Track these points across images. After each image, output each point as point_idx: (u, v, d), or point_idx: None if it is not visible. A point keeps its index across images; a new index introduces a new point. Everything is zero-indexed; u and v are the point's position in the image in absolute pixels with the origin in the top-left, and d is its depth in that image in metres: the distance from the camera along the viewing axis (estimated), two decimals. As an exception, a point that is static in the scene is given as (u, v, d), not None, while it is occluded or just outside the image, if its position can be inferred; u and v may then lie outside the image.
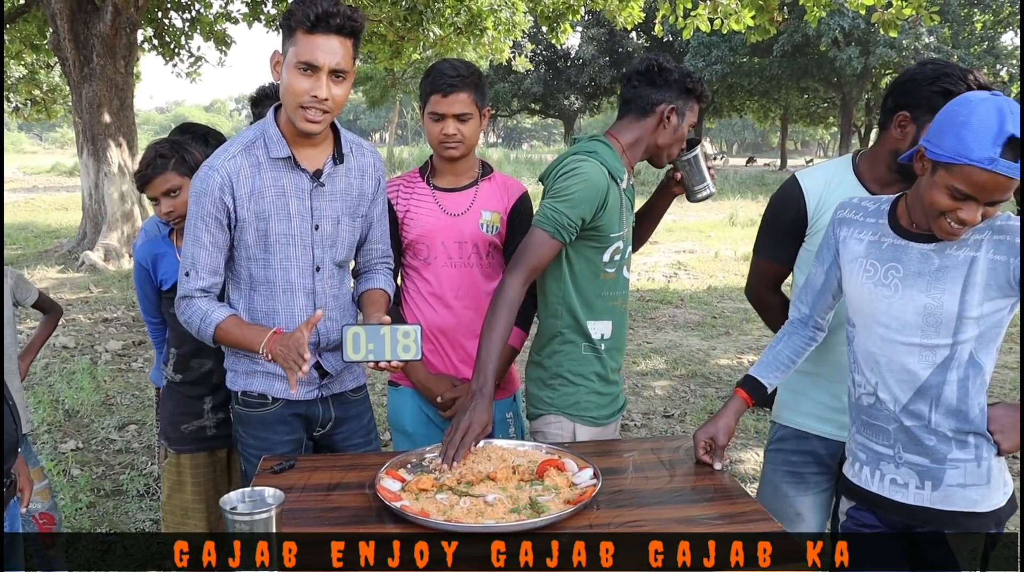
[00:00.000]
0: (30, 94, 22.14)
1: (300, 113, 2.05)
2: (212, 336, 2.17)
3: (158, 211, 2.57)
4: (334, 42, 2.00)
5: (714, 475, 2.04)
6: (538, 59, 41.21)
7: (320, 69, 2.00)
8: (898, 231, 1.86)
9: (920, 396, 1.82)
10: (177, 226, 2.59)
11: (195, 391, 2.65)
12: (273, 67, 2.09)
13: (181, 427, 2.66)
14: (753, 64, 34.81)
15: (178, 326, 2.44)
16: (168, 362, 2.67)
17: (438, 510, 1.80)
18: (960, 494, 1.82)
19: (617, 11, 10.78)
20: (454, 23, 11.51)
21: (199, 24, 12.82)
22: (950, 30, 30.04)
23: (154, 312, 2.75)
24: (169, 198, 2.53)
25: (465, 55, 14.75)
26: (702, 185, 2.50)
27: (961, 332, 1.76)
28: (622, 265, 2.39)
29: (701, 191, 2.51)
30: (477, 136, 2.54)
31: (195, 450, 2.68)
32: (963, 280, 1.75)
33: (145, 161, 2.53)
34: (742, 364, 6.81)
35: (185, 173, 2.52)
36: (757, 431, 5.27)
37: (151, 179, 2.51)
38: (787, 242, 2.31)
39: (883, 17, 8.60)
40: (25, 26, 12.46)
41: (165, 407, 2.71)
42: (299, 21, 1.97)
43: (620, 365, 2.49)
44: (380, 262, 2.45)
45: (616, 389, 2.48)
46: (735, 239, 14.14)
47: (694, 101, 2.36)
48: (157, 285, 2.64)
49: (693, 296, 9.64)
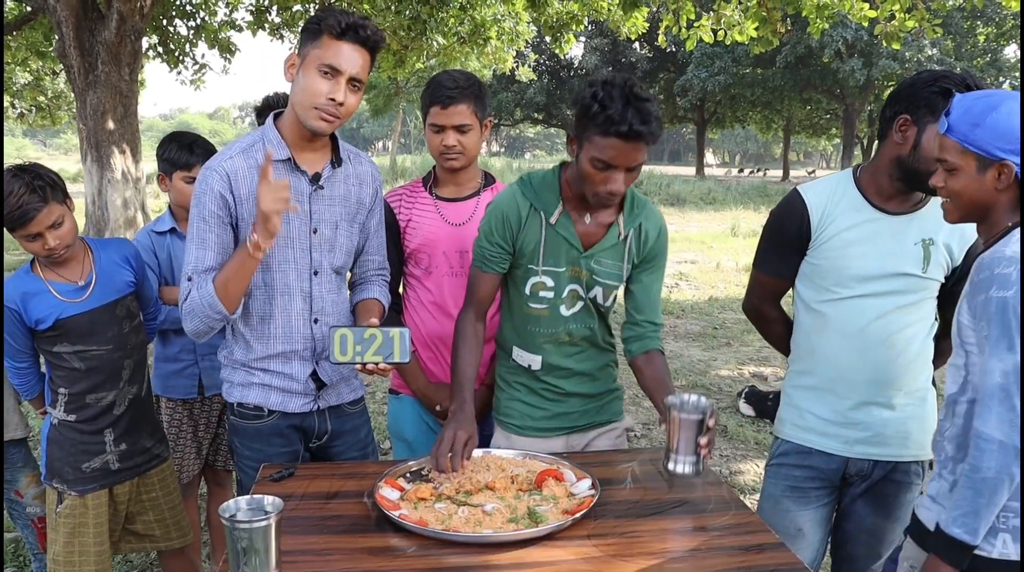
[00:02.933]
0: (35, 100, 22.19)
1: (314, 112, 2.07)
2: (218, 299, 2.06)
3: (38, 249, 2.28)
4: (357, 52, 2.06)
5: (713, 487, 2.03)
6: (541, 69, 41.34)
7: (342, 74, 2.04)
8: None
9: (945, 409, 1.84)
10: (60, 258, 2.34)
11: (94, 426, 2.44)
12: (287, 68, 2.11)
13: (82, 466, 2.44)
14: (756, 75, 34.91)
15: (65, 364, 2.36)
16: (56, 404, 2.42)
17: (436, 519, 1.80)
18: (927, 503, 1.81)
19: (621, 21, 10.80)
20: (458, 33, 11.54)
21: (204, 32, 12.87)
22: (953, 42, 30.12)
23: (23, 355, 2.44)
24: (55, 230, 2.27)
25: (469, 64, 14.77)
26: (684, 459, 1.93)
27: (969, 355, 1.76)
28: (558, 305, 2.26)
29: (679, 464, 1.94)
30: (478, 147, 2.54)
31: (99, 487, 2.48)
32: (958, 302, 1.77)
33: (15, 195, 2.19)
34: (743, 375, 6.80)
35: (62, 200, 2.28)
36: (757, 442, 5.26)
37: (34, 215, 2.21)
38: (790, 256, 2.31)
39: (886, 29, 8.61)
40: (31, 33, 12.52)
41: (57, 448, 2.45)
42: (329, 26, 2.02)
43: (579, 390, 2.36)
44: (376, 274, 2.45)
45: (560, 408, 2.36)
46: (737, 250, 14.15)
47: (598, 134, 1.97)
48: (31, 326, 2.34)
49: (694, 307, 9.63)
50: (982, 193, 1.72)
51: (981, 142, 1.68)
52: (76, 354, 2.36)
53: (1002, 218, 1.74)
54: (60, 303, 2.34)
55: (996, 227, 1.75)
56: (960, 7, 24.61)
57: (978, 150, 1.69)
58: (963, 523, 1.62)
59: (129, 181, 8.65)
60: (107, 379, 2.40)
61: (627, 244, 2.23)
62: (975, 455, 1.61)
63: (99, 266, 2.43)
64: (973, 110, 1.70)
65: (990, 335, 1.61)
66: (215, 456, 3.17)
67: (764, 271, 2.40)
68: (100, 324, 2.39)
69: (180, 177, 2.86)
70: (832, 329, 2.22)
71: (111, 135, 8.34)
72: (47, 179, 2.25)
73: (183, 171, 2.85)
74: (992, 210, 1.74)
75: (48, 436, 2.47)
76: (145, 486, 2.57)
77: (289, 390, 2.26)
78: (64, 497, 2.45)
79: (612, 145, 1.97)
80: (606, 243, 2.22)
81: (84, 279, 2.39)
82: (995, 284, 1.62)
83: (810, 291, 2.28)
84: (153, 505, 2.59)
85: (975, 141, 1.69)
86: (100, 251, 2.47)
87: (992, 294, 1.61)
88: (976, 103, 1.71)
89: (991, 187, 1.71)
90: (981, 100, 1.71)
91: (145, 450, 2.55)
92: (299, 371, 2.26)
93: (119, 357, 2.41)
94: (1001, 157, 1.67)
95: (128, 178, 8.61)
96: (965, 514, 1.62)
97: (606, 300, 2.27)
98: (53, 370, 2.41)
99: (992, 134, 1.67)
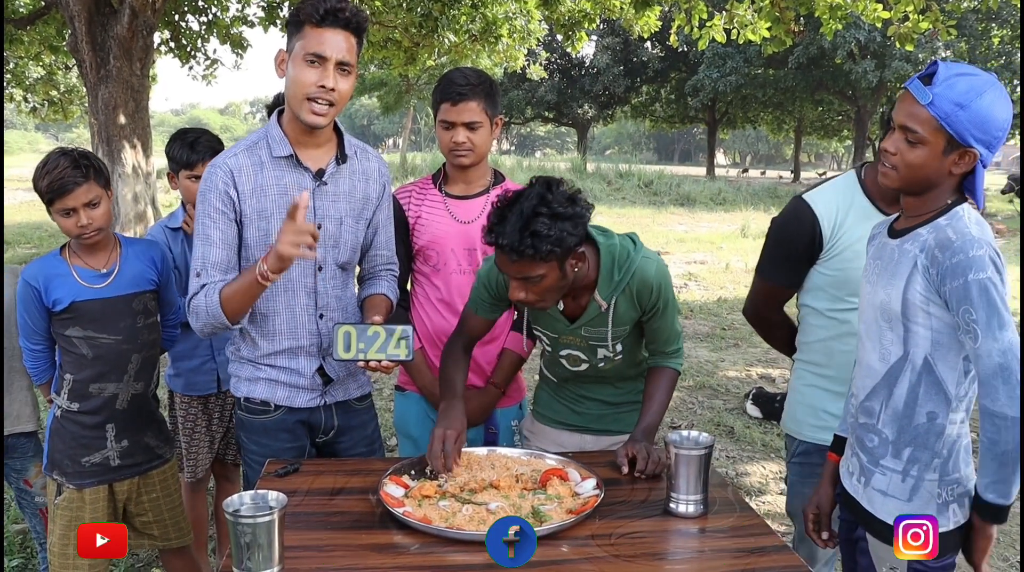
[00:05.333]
0: (47, 95, 22.28)
1: (306, 105, 2.07)
2: (222, 311, 2.08)
3: (71, 226, 2.33)
4: (340, 36, 2.06)
5: (718, 488, 2.03)
6: (553, 67, 41.26)
7: (328, 60, 2.04)
8: (889, 230, 1.86)
9: (875, 394, 1.82)
10: (91, 240, 2.38)
11: (95, 420, 2.43)
12: (278, 65, 2.13)
13: (81, 460, 2.43)
14: (768, 76, 34.74)
15: (74, 349, 2.38)
16: (62, 390, 2.43)
17: (440, 517, 1.80)
18: (879, 501, 1.81)
19: (633, 20, 10.75)
20: (469, 30, 11.51)
21: (215, 27, 12.88)
22: (967, 45, 29.94)
23: (38, 337, 2.46)
24: (89, 210, 2.32)
25: (480, 62, 14.75)
26: (686, 498, 1.87)
27: (910, 332, 1.74)
28: (557, 357, 2.36)
29: (680, 504, 1.87)
30: (488, 144, 2.54)
31: (98, 483, 2.46)
32: (906, 277, 1.73)
33: (59, 168, 2.28)
34: (751, 376, 6.78)
35: (103, 185, 2.36)
36: (764, 444, 5.24)
37: (73, 189, 2.28)
38: (799, 266, 2.28)
39: (899, 30, 8.55)
40: (44, 27, 12.55)
41: (59, 439, 2.45)
42: (308, 15, 2.03)
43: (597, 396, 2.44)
44: (384, 268, 2.45)
45: (579, 407, 2.45)
46: (746, 251, 14.11)
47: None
48: (48, 306, 2.38)
49: (703, 307, 9.62)
50: (936, 172, 1.70)
51: (961, 126, 1.64)
52: (85, 340, 2.38)
53: (942, 197, 1.74)
54: (79, 286, 2.38)
55: (933, 204, 1.75)
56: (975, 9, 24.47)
57: (954, 133, 1.65)
58: (995, 489, 1.67)
59: (140, 176, 8.66)
60: (112, 370, 2.41)
61: (611, 313, 2.20)
62: (991, 431, 1.63)
63: (124, 259, 2.47)
64: (957, 87, 1.64)
65: (978, 319, 1.61)
66: (225, 450, 3.18)
67: (771, 281, 2.37)
68: (114, 313, 2.40)
69: (185, 176, 2.87)
70: (854, 334, 2.21)
71: (122, 130, 8.35)
72: (93, 161, 2.36)
73: (187, 170, 2.86)
74: (935, 188, 1.73)
75: (51, 427, 2.48)
76: (146, 486, 2.56)
77: (296, 385, 2.27)
78: (63, 489, 2.46)
79: None
80: (589, 314, 2.21)
81: (107, 268, 2.43)
82: (972, 267, 1.62)
83: (825, 301, 2.26)
84: (153, 506, 2.58)
85: (955, 123, 1.64)
86: (128, 247, 2.51)
87: (971, 278, 1.61)
88: (959, 81, 1.65)
89: (947, 168, 1.69)
90: (964, 79, 1.65)
91: (147, 449, 2.54)
92: (305, 366, 2.26)
93: (127, 350, 2.42)
94: (972, 145, 1.65)
95: (139, 173, 8.62)
96: (995, 482, 1.66)
97: (616, 354, 2.30)
98: (63, 355, 2.44)
99: (974, 121, 1.64)
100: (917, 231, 1.75)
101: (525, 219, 1.90)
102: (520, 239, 1.89)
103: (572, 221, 1.94)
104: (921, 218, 1.76)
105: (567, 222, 1.92)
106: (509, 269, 1.98)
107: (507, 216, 1.93)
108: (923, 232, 1.73)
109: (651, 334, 2.28)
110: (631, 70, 40.32)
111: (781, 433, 5.42)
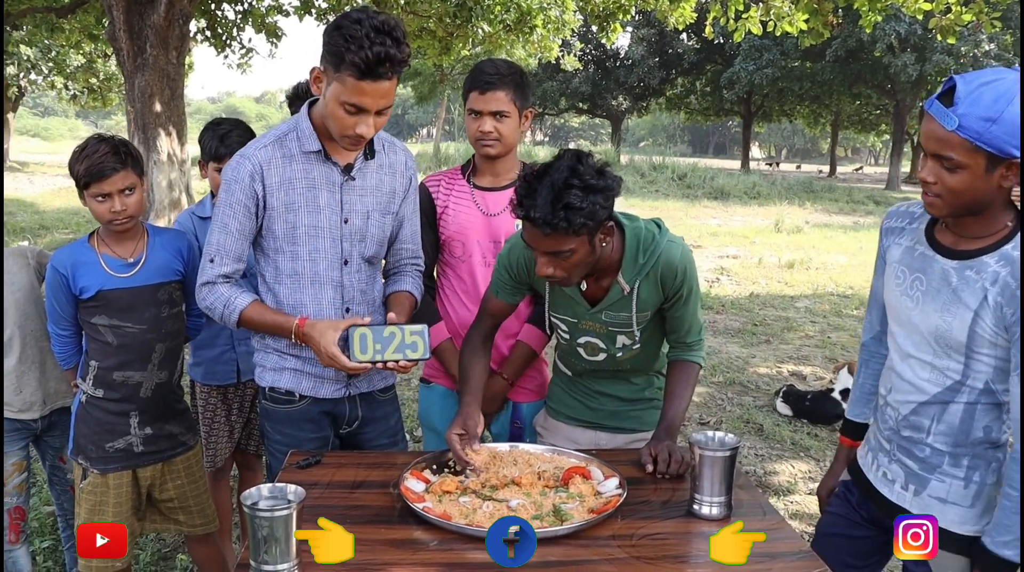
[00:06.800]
0: (87, 82, 22.61)
1: (343, 141, 2.08)
2: (236, 322, 2.19)
3: (104, 211, 2.33)
4: (381, 87, 1.95)
5: (743, 491, 1.99)
6: (587, 58, 41.08)
7: (368, 112, 1.99)
8: (931, 242, 1.76)
9: (923, 411, 1.75)
10: (121, 227, 2.39)
11: (120, 407, 2.45)
12: (313, 81, 2.03)
13: (105, 445, 2.46)
14: (805, 68, 34.31)
15: (100, 336, 2.40)
16: (87, 377, 2.45)
17: (460, 513, 1.79)
18: (938, 507, 1.75)
19: (669, 11, 10.66)
20: (503, 20, 11.47)
21: (251, 16, 12.97)
22: (1012, 37, 29.26)
23: (66, 323, 2.48)
24: (124, 196, 2.34)
25: (514, 53, 14.71)
26: (711, 500, 1.83)
27: (973, 360, 1.66)
28: (574, 345, 2.31)
29: (704, 505, 1.84)
30: (516, 136, 2.52)
31: (122, 468, 2.49)
32: (975, 309, 1.62)
33: (99, 153, 2.30)
34: (781, 373, 6.70)
35: (139, 174, 2.38)
36: (793, 442, 5.17)
37: (110, 174, 2.30)
38: None
39: (941, 23, 8.38)
40: (84, 16, 12.74)
41: (84, 425, 2.47)
42: (352, 64, 1.89)
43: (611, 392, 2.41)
44: (409, 263, 2.44)
45: (593, 403, 2.42)
46: (780, 246, 13.94)
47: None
48: (76, 294, 2.40)
49: (735, 302, 9.51)
50: (985, 192, 1.59)
51: (998, 141, 1.51)
52: (111, 328, 2.40)
53: (999, 215, 1.64)
54: (106, 275, 2.39)
55: (993, 226, 1.65)
56: (1020, 1, 23.92)
57: (992, 149, 1.52)
58: (1014, 547, 1.60)
59: (175, 163, 8.76)
60: (136, 358, 2.42)
61: (634, 296, 2.15)
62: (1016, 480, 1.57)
63: (151, 249, 2.48)
64: (982, 101, 1.51)
65: None
66: (247, 440, 3.19)
67: None
68: (140, 303, 2.42)
69: (214, 168, 2.88)
70: None
71: (158, 117, 8.44)
72: (131, 150, 2.39)
73: (215, 162, 2.86)
74: (990, 206, 1.63)
75: (76, 413, 2.51)
76: (170, 472, 2.58)
77: (321, 376, 2.27)
78: (88, 473, 2.49)
79: None
80: (611, 298, 2.17)
81: (134, 258, 2.44)
82: None
83: None
84: (178, 493, 2.60)
85: (990, 140, 1.51)
86: (156, 237, 2.53)
87: None
88: (983, 93, 1.52)
89: (996, 185, 1.58)
90: (987, 89, 1.52)
91: (171, 436, 2.56)
92: (331, 358, 2.26)
93: (152, 339, 2.43)
94: (1014, 154, 1.52)
95: (174, 160, 8.72)
96: (1015, 540, 1.59)
97: (635, 342, 2.25)
98: (89, 342, 2.46)
99: (1010, 130, 1.50)
100: (983, 260, 1.64)
101: (557, 191, 1.83)
102: (552, 212, 1.83)
103: (603, 193, 1.88)
104: (983, 242, 1.66)
105: (599, 194, 1.87)
106: (540, 243, 1.92)
107: (537, 188, 1.85)
108: (990, 262, 1.62)
109: (673, 323, 2.24)
110: (666, 62, 40.01)
111: (811, 432, 5.37)
